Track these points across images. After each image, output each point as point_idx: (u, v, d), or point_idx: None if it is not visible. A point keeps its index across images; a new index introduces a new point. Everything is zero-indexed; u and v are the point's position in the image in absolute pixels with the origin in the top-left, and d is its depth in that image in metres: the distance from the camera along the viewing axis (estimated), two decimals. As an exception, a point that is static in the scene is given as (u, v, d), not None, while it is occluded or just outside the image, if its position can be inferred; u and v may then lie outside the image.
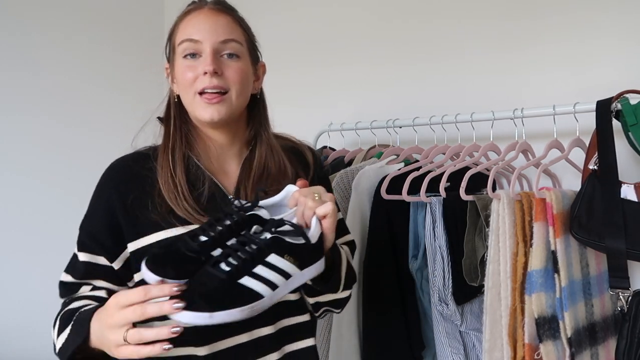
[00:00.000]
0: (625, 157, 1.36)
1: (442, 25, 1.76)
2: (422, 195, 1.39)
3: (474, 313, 1.41)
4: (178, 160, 0.99)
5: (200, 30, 0.97)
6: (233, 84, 0.98)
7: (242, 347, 0.98)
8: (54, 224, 2.02)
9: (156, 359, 0.81)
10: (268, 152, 1.05)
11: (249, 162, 1.05)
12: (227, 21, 1.00)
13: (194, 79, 0.96)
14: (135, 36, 2.35)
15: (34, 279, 1.96)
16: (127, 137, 2.44)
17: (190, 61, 0.97)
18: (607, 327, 1.28)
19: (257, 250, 0.79)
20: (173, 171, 0.98)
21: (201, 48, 0.97)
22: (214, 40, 0.97)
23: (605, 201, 1.19)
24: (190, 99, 0.98)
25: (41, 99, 2.01)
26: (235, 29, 1.01)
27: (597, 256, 1.30)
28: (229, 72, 0.97)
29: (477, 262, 1.34)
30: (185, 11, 1.03)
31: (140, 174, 1.00)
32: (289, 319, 1.04)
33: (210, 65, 0.95)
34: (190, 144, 1.03)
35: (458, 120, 1.50)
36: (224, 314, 0.74)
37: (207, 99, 0.96)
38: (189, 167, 1.01)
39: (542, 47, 1.57)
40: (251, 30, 1.06)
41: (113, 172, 1.03)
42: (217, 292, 0.74)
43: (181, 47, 0.98)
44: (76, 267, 1.02)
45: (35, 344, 1.94)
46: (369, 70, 1.91)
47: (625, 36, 1.45)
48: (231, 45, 0.98)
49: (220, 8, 1.01)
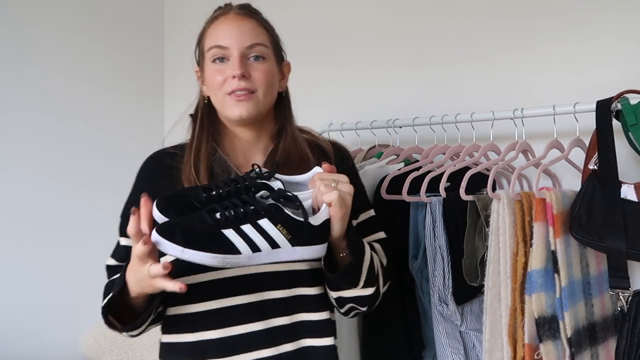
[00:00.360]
0: (625, 157, 1.36)
1: (442, 25, 1.76)
2: (422, 195, 1.39)
3: (474, 313, 1.41)
4: (202, 157, 1.06)
5: (227, 36, 1.03)
6: (260, 84, 1.04)
7: (255, 335, 1.01)
8: (54, 223, 2.02)
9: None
10: (291, 144, 1.10)
11: (273, 153, 1.09)
12: (253, 25, 1.06)
13: (223, 82, 1.03)
14: (135, 36, 2.35)
15: (34, 279, 1.96)
16: (126, 135, 2.45)
17: (219, 65, 1.04)
18: (607, 327, 1.28)
19: (252, 210, 0.83)
20: (196, 167, 1.04)
21: (229, 53, 1.03)
22: (241, 45, 1.02)
23: (605, 201, 1.18)
24: (220, 99, 1.05)
25: (41, 98, 2.01)
26: (260, 33, 1.06)
27: (597, 256, 1.30)
28: (255, 74, 1.03)
29: (477, 262, 1.34)
30: (213, 17, 1.08)
31: (170, 166, 1.07)
32: (307, 314, 1.06)
33: (238, 70, 1.01)
34: (217, 141, 1.09)
35: (458, 120, 1.50)
36: (194, 253, 0.78)
37: (236, 97, 1.02)
38: (216, 162, 1.07)
39: (542, 47, 1.57)
40: (275, 32, 1.11)
41: (147, 164, 1.12)
42: (198, 233, 0.79)
43: (210, 52, 1.04)
44: (119, 251, 1.11)
45: (36, 344, 1.94)
46: (369, 70, 1.91)
47: (625, 36, 1.45)
48: (257, 49, 1.04)
49: (245, 12, 1.07)
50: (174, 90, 2.45)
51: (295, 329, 1.05)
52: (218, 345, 1.01)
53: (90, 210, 2.13)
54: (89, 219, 2.12)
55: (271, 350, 1.02)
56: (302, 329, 1.05)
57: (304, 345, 1.05)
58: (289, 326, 1.04)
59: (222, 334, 1.00)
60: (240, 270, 1.01)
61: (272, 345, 1.02)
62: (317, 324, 1.06)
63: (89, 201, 2.13)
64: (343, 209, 0.90)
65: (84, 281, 2.11)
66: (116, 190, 2.24)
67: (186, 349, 1.02)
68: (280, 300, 1.04)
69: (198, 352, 1.01)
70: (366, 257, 1.01)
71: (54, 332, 1.99)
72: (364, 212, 1.16)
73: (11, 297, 1.90)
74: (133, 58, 2.33)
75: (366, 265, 1.01)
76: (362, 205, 1.16)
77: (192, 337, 1.01)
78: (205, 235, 0.80)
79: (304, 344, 1.05)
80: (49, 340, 1.98)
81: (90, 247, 2.13)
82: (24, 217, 1.94)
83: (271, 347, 1.02)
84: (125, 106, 2.29)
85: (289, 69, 1.16)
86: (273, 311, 1.03)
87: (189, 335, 1.02)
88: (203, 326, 1.01)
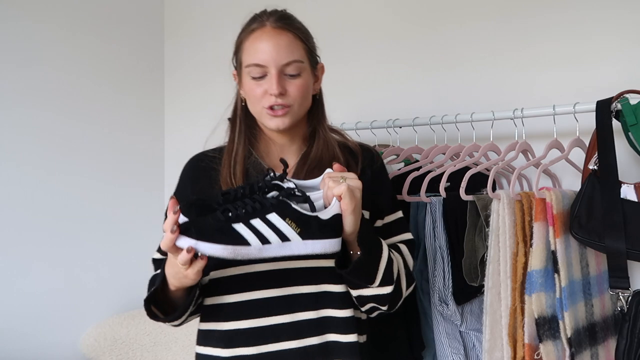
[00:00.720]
0: (625, 157, 1.36)
1: (442, 25, 1.76)
2: (422, 195, 1.39)
3: (474, 313, 1.41)
4: (239, 160, 1.13)
5: (264, 54, 1.07)
6: (295, 99, 1.09)
7: (282, 327, 1.07)
8: (54, 223, 2.02)
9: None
10: (324, 147, 1.15)
11: (306, 156, 1.15)
12: (289, 40, 1.09)
13: (262, 96, 1.08)
14: (135, 33, 2.35)
15: (34, 279, 1.96)
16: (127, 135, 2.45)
17: (258, 81, 1.09)
18: (607, 327, 1.28)
19: (261, 206, 0.90)
20: (233, 170, 1.12)
21: (266, 70, 1.07)
22: (278, 63, 1.07)
23: (605, 201, 1.19)
24: (259, 111, 1.11)
25: (42, 96, 2.01)
26: (296, 47, 1.09)
27: (597, 256, 1.30)
28: (291, 89, 1.08)
29: (477, 262, 1.34)
30: (250, 29, 1.11)
31: (209, 167, 1.15)
32: (332, 310, 1.10)
33: (275, 89, 1.06)
34: (253, 144, 1.17)
35: (458, 120, 1.50)
36: (207, 245, 0.86)
37: (274, 113, 1.09)
38: (252, 164, 1.14)
39: (542, 47, 1.57)
40: (310, 37, 1.15)
41: (189, 166, 1.20)
42: (210, 228, 0.87)
43: (248, 69, 1.09)
44: None
45: (36, 344, 1.94)
46: (369, 70, 1.91)
47: (626, 36, 1.45)
48: (293, 66, 1.08)
49: (281, 26, 1.09)
50: (174, 88, 2.45)
51: (321, 323, 1.09)
52: (247, 335, 1.07)
53: (90, 210, 2.13)
54: (89, 219, 2.12)
55: (297, 342, 1.07)
56: (327, 324, 1.10)
57: (328, 340, 1.10)
58: (315, 321, 1.09)
59: (251, 324, 1.07)
60: (270, 265, 1.06)
61: (298, 338, 1.07)
62: (342, 320, 1.10)
63: (90, 201, 2.13)
64: (353, 201, 0.94)
65: (84, 281, 2.11)
66: (117, 190, 2.27)
67: (218, 337, 1.09)
68: (308, 295, 1.09)
69: (228, 340, 1.08)
70: (383, 255, 1.04)
71: (54, 332, 1.99)
72: (391, 213, 1.19)
73: (11, 297, 1.90)
74: (133, 56, 2.33)
75: (383, 264, 1.04)
76: (389, 206, 1.20)
77: (224, 325, 1.09)
78: (216, 229, 0.87)
79: (328, 339, 1.10)
80: (49, 340, 1.98)
81: (90, 247, 2.14)
82: (23, 217, 1.94)
83: (297, 339, 1.07)
84: (125, 105, 2.29)
85: (322, 71, 1.20)
86: (300, 305, 1.08)
87: (222, 324, 1.09)
88: (234, 316, 1.08)
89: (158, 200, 2.42)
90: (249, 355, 1.07)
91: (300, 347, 1.07)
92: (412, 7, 1.83)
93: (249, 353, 1.07)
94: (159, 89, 2.45)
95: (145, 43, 2.39)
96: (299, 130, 1.17)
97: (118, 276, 2.22)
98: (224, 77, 2.28)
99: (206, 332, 1.12)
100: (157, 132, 2.44)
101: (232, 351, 1.07)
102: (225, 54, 2.59)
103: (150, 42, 2.42)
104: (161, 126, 2.45)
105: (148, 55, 2.40)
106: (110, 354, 2.04)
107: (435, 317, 1.38)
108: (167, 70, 2.46)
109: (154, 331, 2.11)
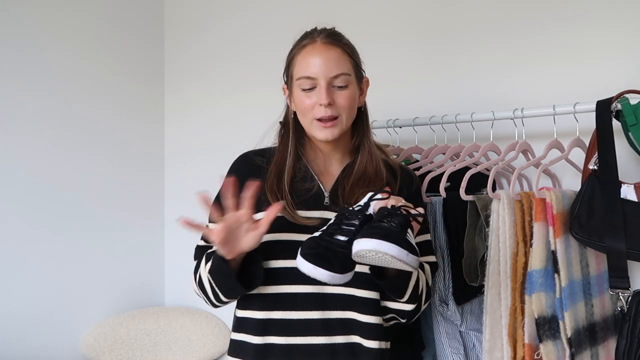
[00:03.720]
0: (625, 157, 1.36)
1: (442, 25, 1.76)
2: (422, 195, 1.39)
3: (474, 313, 1.41)
4: (289, 163, 1.21)
5: (314, 67, 1.15)
6: (343, 110, 1.17)
7: (313, 322, 1.14)
8: (54, 222, 2.02)
9: None
10: (368, 159, 1.23)
11: (351, 167, 1.23)
12: (337, 54, 1.17)
13: (312, 107, 1.16)
14: (135, 31, 2.35)
15: (34, 279, 1.96)
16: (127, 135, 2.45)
17: (308, 92, 1.16)
18: (607, 327, 1.28)
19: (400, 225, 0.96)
20: (279, 176, 1.19)
21: (316, 83, 1.15)
22: (327, 76, 1.14)
23: (605, 201, 1.18)
24: (308, 122, 1.18)
25: (42, 94, 2.01)
26: (344, 61, 1.17)
27: (597, 256, 1.30)
28: (339, 100, 1.16)
29: (477, 262, 1.34)
30: (301, 45, 1.19)
31: (259, 165, 1.23)
32: (357, 314, 1.15)
33: (325, 100, 1.13)
34: (302, 150, 1.25)
35: (458, 120, 1.50)
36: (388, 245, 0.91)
37: (323, 124, 1.16)
38: (300, 167, 1.22)
39: (542, 47, 1.57)
40: (357, 53, 1.23)
41: (240, 161, 1.27)
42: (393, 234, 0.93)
43: (299, 81, 1.16)
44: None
45: (36, 344, 1.94)
46: (368, 71, 1.90)
47: (626, 36, 1.45)
48: (341, 79, 1.15)
49: (330, 42, 1.17)
50: (174, 84, 2.45)
51: (347, 324, 1.15)
52: (279, 325, 1.15)
53: (90, 210, 2.13)
54: (89, 219, 2.12)
55: (326, 338, 1.14)
56: (353, 326, 1.15)
57: (353, 341, 1.15)
58: (342, 320, 1.15)
59: (284, 316, 1.15)
60: None
61: (327, 334, 1.14)
62: (366, 325, 1.15)
63: (89, 200, 2.13)
64: None
65: (84, 281, 2.11)
66: (118, 190, 2.26)
67: (253, 325, 1.17)
68: (337, 295, 1.15)
69: (262, 328, 1.16)
70: (414, 274, 1.12)
71: (54, 332, 1.99)
72: (421, 234, 1.25)
73: (11, 297, 1.90)
74: (133, 53, 2.32)
75: (413, 281, 1.11)
76: (420, 228, 1.24)
77: (259, 314, 1.16)
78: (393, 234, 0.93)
79: (353, 340, 1.15)
80: (49, 340, 1.98)
81: (90, 247, 2.14)
82: (22, 216, 1.94)
83: (326, 335, 1.14)
84: (125, 101, 2.28)
85: (367, 85, 1.27)
86: (330, 304, 1.15)
87: (257, 313, 1.17)
88: (270, 306, 1.15)
89: (158, 199, 2.42)
90: (279, 344, 1.14)
91: (328, 344, 1.14)
92: (410, 9, 1.83)
93: (279, 342, 1.14)
94: (159, 81, 2.45)
95: (145, 34, 2.39)
96: (342, 140, 1.23)
97: (118, 276, 2.22)
98: (224, 69, 2.30)
99: (242, 320, 1.20)
100: (156, 129, 2.43)
101: (263, 339, 1.15)
102: (225, 47, 2.60)
103: (151, 34, 2.41)
104: (161, 120, 2.45)
105: (148, 52, 2.40)
106: (110, 354, 2.04)
107: (435, 317, 1.38)
108: (167, 62, 2.46)
109: (154, 331, 2.11)
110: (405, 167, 1.33)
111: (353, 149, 1.26)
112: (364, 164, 1.22)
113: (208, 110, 2.34)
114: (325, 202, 1.19)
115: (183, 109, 2.42)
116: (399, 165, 1.29)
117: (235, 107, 2.25)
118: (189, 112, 2.39)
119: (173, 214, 2.42)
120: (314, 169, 1.23)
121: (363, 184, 1.20)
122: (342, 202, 1.18)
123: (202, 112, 2.36)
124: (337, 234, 0.99)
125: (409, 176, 1.29)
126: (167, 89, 2.46)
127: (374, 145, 1.27)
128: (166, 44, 2.47)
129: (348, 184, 1.20)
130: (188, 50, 2.41)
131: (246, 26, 2.20)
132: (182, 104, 2.42)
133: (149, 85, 2.40)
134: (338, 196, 1.20)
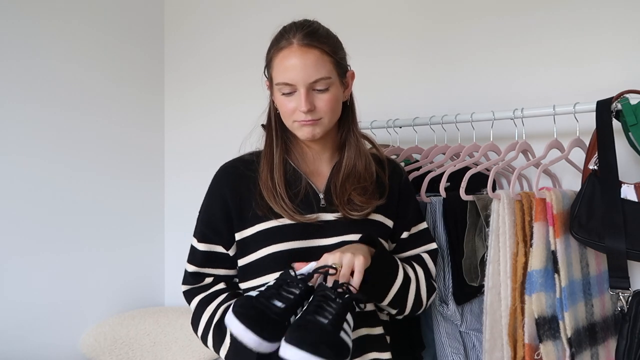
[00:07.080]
0: (625, 157, 1.36)
1: (442, 25, 1.76)
2: (422, 195, 1.39)
3: (474, 313, 1.41)
4: (277, 164, 1.16)
5: (292, 73, 1.09)
6: (325, 113, 1.13)
7: None
8: (54, 222, 2.02)
9: None
10: (356, 154, 1.20)
11: (339, 164, 1.20)
12: (315, 57, 1.10)
13: (292, 111, 1.12)
14: (136, 29, 2.35)
15: (34, 279, 1.96)
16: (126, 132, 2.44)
17: (288, 97, 1.12)
18: (607, 327, 1.28)
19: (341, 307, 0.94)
20: (272, 174, 1.15)
21: (295, 88, 1.11)
22: (306, 82, 1.09)
23: (605, 201, 1.18)
24: (290, 124, 1.15)
25: (42, 92, 2.00)
26: (322, 64, 1.11)
27: (597, 256, 1.30)
28: (320, 104, 1.12)
29: (477, 262, 1.34)
30: (278, 47, 1.12)
31: (246, 174, 1.18)
32: (367, 329, 1.15)
33: (304, 106, 1.10)
34: (288, 149, 1.21)
35: (458, 120, 1.50)
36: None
37: (304, 123, 1.13)
38: (287, 169, 1.18)
39: (542, 47, 1.57)
40: (338, 47, 1.16)
41: (225, 172, 1.21)
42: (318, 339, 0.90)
43: (278, 86, 1.12)
44: (196, 256, 1.20)
45: (36, 344, 1.94)
46: (368, 71, 1.91)
47: (626, 36, 1.45)
48: (321, 83, 1.11)
49: (307, 43, 1.10)
50: (174, 84, 2.45)
51: (360, 344, 1.12)
52: None
53: (91, 209, 2.13)
54: (89, 218, 2.12)
55: None
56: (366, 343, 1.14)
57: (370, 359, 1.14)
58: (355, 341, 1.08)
59: None
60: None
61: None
62: (376, 338, 1.16)
63: (89, 200, 2.13)
64: (364, 263, 1.03)
65: (84, 281, 2.11)
66: (118, 189, 2.27)
67: None
68: None
69: None
70: (397, 280, 1.12)
71: (53, 332, 1.99)
72: (416, 224, 1.27)
73: (11, 297, 1.90)
74: (133, 53, 2.32)
75: (395, 289, 1.12)
76: (414, 217, 1.27)
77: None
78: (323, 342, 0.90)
79: (370, 357, 1.14)
80: (49, 340, 1.98)
81: (91, 246, 2.14)
82: (22, 216, 1.94)
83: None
84: (125, 101, 2.28)
85: (352, 77, 1.22)
86: None
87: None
88: None
89: (158, 199, 2.42)
90: None
91: None
92: (410, 8, 1.83)
93: None
94: (159, 85, 2.45)
95: (145, 39, 2.39)
96: (329, 137, 1.21)
97: (118, 276, 2.22)
98: (224, 73, 2.30)
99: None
100: (157, 129, 2.43)
101: None
102: (225, 51, 2.59)
103: (151, 39, 2.42)
104: (161, 123, 2.45)
105: (148, 52, 2.40)
106: (110, 354, 2.04)
107: (435, 317, 1.38)
108: (167, 67, 2.46)
109: (154, 331, 2.11)
110: (392, 160, 1.31)
111: (341, 145, 1.23)
112: (352, 160, 1.19)
113: (208, 116, 2.35)
114: (322, 204, 1.17)
115: (183, 115, 2.42)
116: (386, 157, 1.27)
117: (235, 113, 2.24)
118: (189, 118, 2.40)
119: (173, 216, 2.43)
120: (303, 170, 1.20)
121: (353, 180, 1.17)
122: (337, 201, 1.15)
123: (202, 119, 2.36)
124: (274, 299, 0.96)
125: (398, 168, 1.29)
126: (167, 95, 2.46)
127: (361, 138, 1.23)
128: (166, 51, 2.47)
129: (338, 181, 1.18)
130: (188, 57, 2.41)
131: (246, 33, 2.20)
132: (182, 110, 2.42)
133: (149, 91, 2.41)
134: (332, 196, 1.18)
